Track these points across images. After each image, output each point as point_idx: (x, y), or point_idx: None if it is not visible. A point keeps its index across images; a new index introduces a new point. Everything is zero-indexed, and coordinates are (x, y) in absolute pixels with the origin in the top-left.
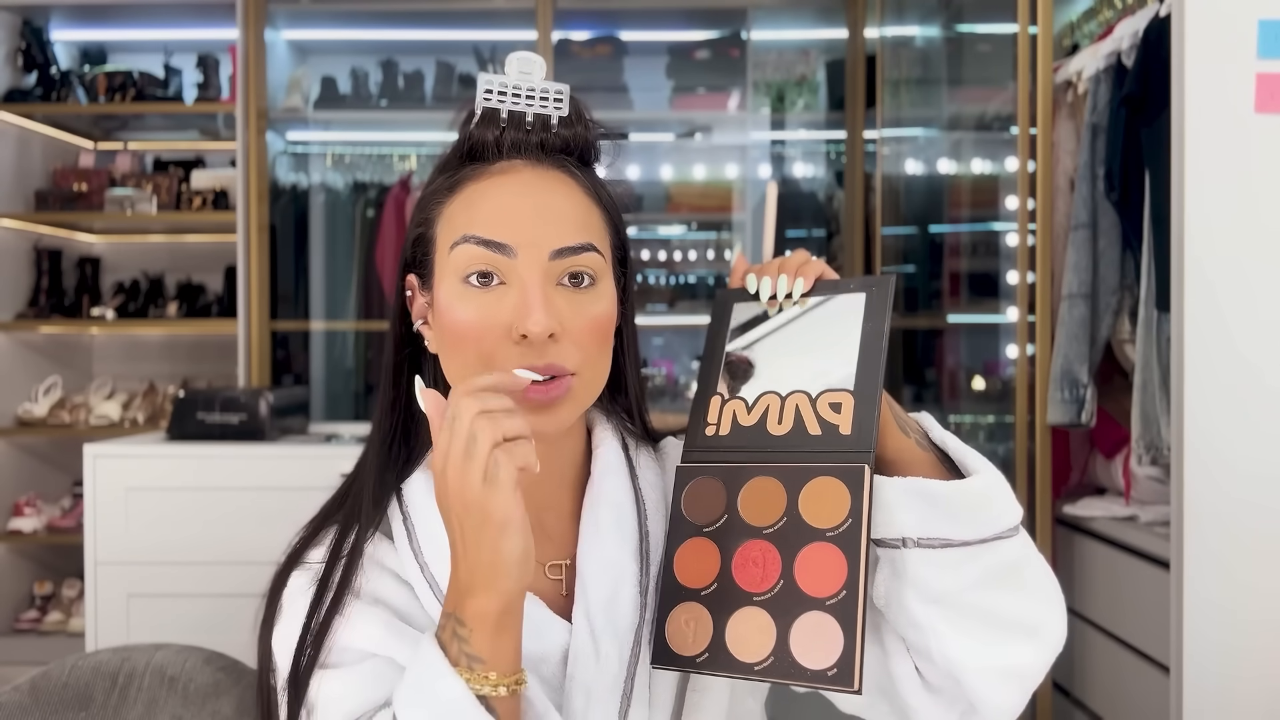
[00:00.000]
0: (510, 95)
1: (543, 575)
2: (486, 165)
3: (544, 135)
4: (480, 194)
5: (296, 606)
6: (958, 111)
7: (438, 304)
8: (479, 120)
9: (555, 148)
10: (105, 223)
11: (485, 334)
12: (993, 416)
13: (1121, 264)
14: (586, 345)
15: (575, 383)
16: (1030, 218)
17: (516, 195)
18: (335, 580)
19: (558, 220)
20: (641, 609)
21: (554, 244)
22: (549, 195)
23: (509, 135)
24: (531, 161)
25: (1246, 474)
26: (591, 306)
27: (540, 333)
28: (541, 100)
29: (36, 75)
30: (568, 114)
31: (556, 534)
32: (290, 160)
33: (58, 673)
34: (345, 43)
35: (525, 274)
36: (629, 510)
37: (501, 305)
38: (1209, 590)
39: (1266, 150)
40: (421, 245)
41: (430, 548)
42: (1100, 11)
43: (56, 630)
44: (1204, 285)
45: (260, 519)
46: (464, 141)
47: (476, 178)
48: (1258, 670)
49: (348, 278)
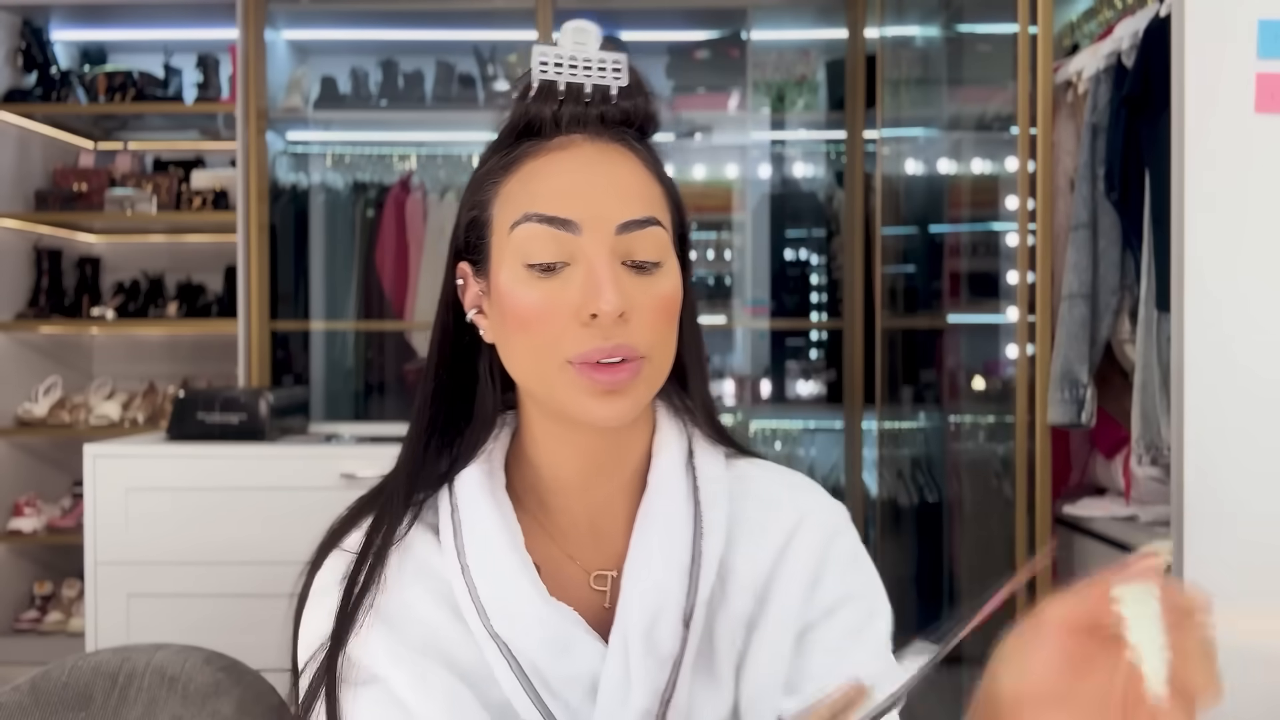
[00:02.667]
0: (567, 66)
1: (588, 585)
2: (544, 141)
3: (604, 107)
4: (539, 170)
5: (326, 599)
6: (958, 111)
7: (497, 289)
8: (535, 94)
9: (615, 120)
10: (105, 223)
11: (552, 317)
12: (993, 416)
13: (1122, 264)
14: (655, 326)
15: (645, 367)
16: (1030, 218)
17: (578, 170)
18: (359, 582)
19: (622, 194)
20: (683, 640)
21: (619, 217)
22: (611, 169)
23: (567, 109)
24: (591, 135)
25: (1246, 474)
26: (658, 285)
27: (611, 311)
28: (599, 70)
29: (36, 75)
30: (627, 84)
31: (608, 540)
32: (290, 160)
33: (57, 673)
34: (345, 43)
35: (591, 251)
36: (683, 528)
37: (568, 286)
38: (1209, 590)
39: (1266, 150)
40: (476, 230)
41: (473, 545)
42: (1100, 11)
43: (56, 630)
44: (1204, 285)
45: (260, 519)
46: (520, 117)
47: (534, 154)
48: (1258, 670)
49: (348, 278)
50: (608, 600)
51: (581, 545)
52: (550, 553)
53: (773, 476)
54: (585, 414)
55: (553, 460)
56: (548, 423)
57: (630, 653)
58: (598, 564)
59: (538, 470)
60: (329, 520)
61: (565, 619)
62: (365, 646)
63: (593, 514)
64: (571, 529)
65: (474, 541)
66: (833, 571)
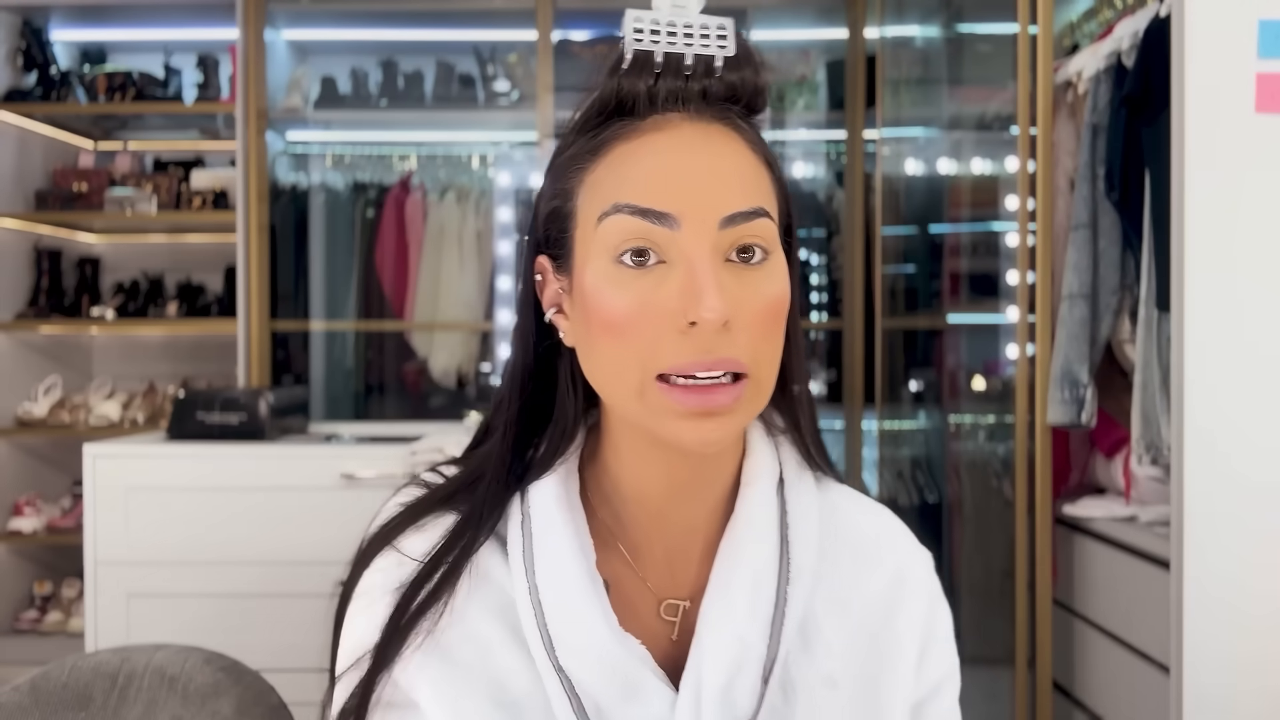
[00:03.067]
0: (665, 33)
1: (657, 613)
2: (636, 121)
3: (706, 81)
4: (631, 155)
5: (376, 607)
6: (958, 111)
7: (582, 288)
8: (629, 66)
9: (719, 96)
10: (105, 223)
11: (645, 323)
12: (993, 416)
13: (1122, 264)
14: (760, 335)
15: (747, 387)
16: (1030, 218)
17: (676, 154)
18: (418, 599)
19: (726, 182)
20: (760, 698)
21: (723, 209)
22: (714, 153)
23: (664, 83)
24: (690, 115)
25: (1247, 474)
26: (765, 285)
27: (715, 319)
28: (702, 38)
29: (36, 75)
30: (734, 54)
31: (683, 567)
32: (290, 160)
33: (57, 673)
34: (345, 43)
35: (691, 248)
36: (769, 574)
37: (664, 288)
38: (1209, 590)
39: (1267, 150)
40: (557, 221)
41: (544, 564)
42: (1100, 11)
43: (56, 630)
44: (1204, 285)
45: (260, 519)
46: (610, 93)
47: (625, 136)
48: (1258, 670)
49: (348, 278)
50: (675, 632)
51: (655, 569)
52: (621, 573)
53: (865, 515)
54: (675, 437)
55: (635, 477)
56: (633, 437)
57: (703, 711)
58: (670, 591)
59: (616, 484)
60: (329, 520)
61: (635, 657)
62: (407, 667)
63: (671, 538)
64: (646, 550)
65: (544, 559)
66: (939, 644)
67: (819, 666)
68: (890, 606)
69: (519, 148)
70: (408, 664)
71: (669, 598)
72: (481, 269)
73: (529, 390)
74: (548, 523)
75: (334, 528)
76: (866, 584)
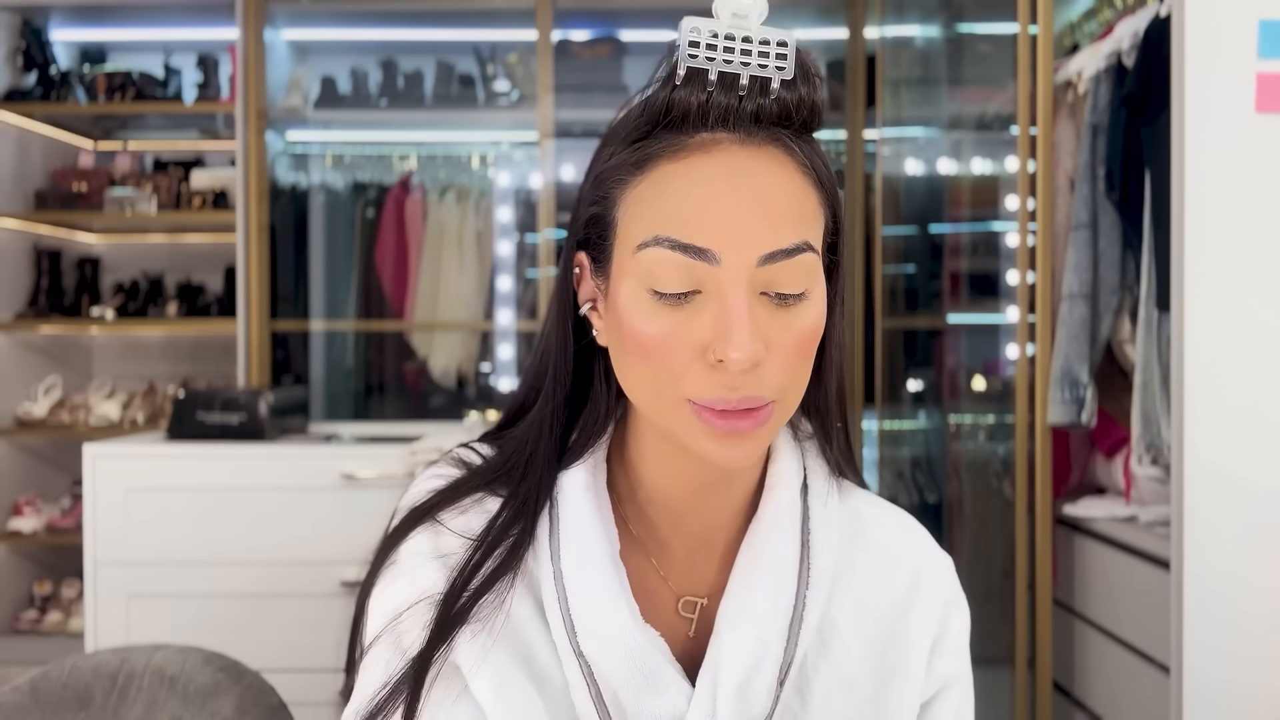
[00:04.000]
0: (722, 49)
1: (675, 610)
2: (684, 138)
3: (761, 100)
4: (676, 178)
5: (419, 572)
6: (958, 111)
7: (616, 304)
8: (683, 80)
9: (772, 115)
10: (105, 223)
11: (675, 353)
12: (993, 416)
13: (1122, 264)
14: (791, 367)
15: (774, 410)
16: (1030, 217)
17: (721, 184)
18: (482, 575)
19: (770, 216)
20: (776, 698)
21: (764, 247)
22: (761, 184)
23: (718, 100)
24: (741, 136)
25: (1247, 474)
26: (799, 319)
27: (744, 361)
28: (760, 56)
29: (36, 75)
30: (792, 75)
31: (703, 565)
32: (290, 160)
33: (57, 673)
34: (345, 43)
35: (728, 284)
36: (789, 577)
37: (696, 320)
38: (1209, 590)
39: (1267, 150)
40: (597, 226)
41: (570, 552)
42: (1100, 11)
43: (56, 630)
44: (1204, 285)
45: (260, 519)
46: (660, 104)
47: (672, 155)
48: (1258, 670)
49: (348, 278)
50: (693, 629)
51: (675, 565)
52: (642, 567)
53: (888, 521)
54: (703, 453)
55: (659, 476)
56: (659, 440)
57: (719, 708)
58: (689, 588)
59: (641, 480)
60: (329, 520)
61: (655, 648)
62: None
63: (692, 536)
64: (666, 546)
65: (570, 545)
66: (951, 644)
67: (836, 670)
68: (906, 607)
69: (519, 148)
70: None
71: (687, 594)
72: (481, 269)
73: (568, 386)
74: (576, 510)
75: (334, 528)
76: (886, 589)
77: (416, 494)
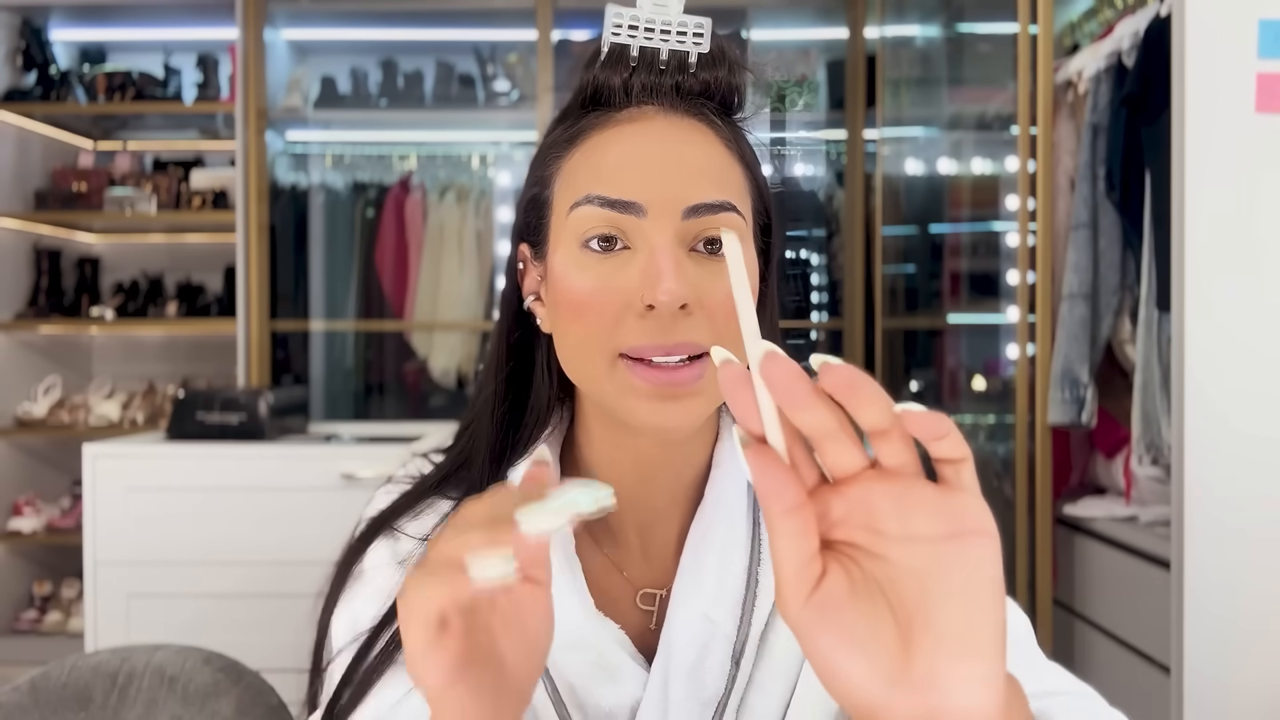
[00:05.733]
0: (643, 30)
1: (634, 603)
2: (612, 112)
3: (680, 77)
4: (604, 145)
5: (380, 579)
6: (958, 111)
7: (552, 273)
8: (605, 59)
9: (693, 92)
10: (105, 222)
11: (606, 305)
12: (993, 416)
13: (1122, 264)
14: (723, 322)
15: (709, 367)
16: (1031, 217)
17: (646, 145)
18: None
19: (693, 174)
20: (731, 679)
21: (688, 199)
22: (684, 146)
23: (639, 77)
24: (664, 108)
25: (1247, 474)
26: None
27: (671, 302)
28: (679, 35)
29: (36, 75)
30: (709, 52)
31: (658, 556)
32: (290, 160)
33: (57, 673)
34: (345, 42)
35: (654, 235)
36: (739, 555)
37: (625, 271)
38: (1209, 590)
39: (1267, 150)
40: (536, 209)
41: None
42: (1101, 11)
43: (56, 630)
44: (1204, 285)
45: (260, 519)
46: (587, 85)
47: (600, 127)
48: (1258, 670)
49: (347, 278)
50: (654, 621)
51: (631, 558)
52: (597, 562)
53: None
54: (638, 419)
55: (606, 462)
56: (603, 422)
57: (670, 690)
58: (647, 580)
59: (589, 470)
60: (329, 520)
61: (611, 639)
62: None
63: (644, 526)
64: (621, 539)
65: None
66: None
67: (793, 650)
68: None
69: (519, 148)
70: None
71: (646, 587)
72: (481, 269)
73: (505, 374)
74: None
75: (334, 528)
76: None
77: (373, 510)
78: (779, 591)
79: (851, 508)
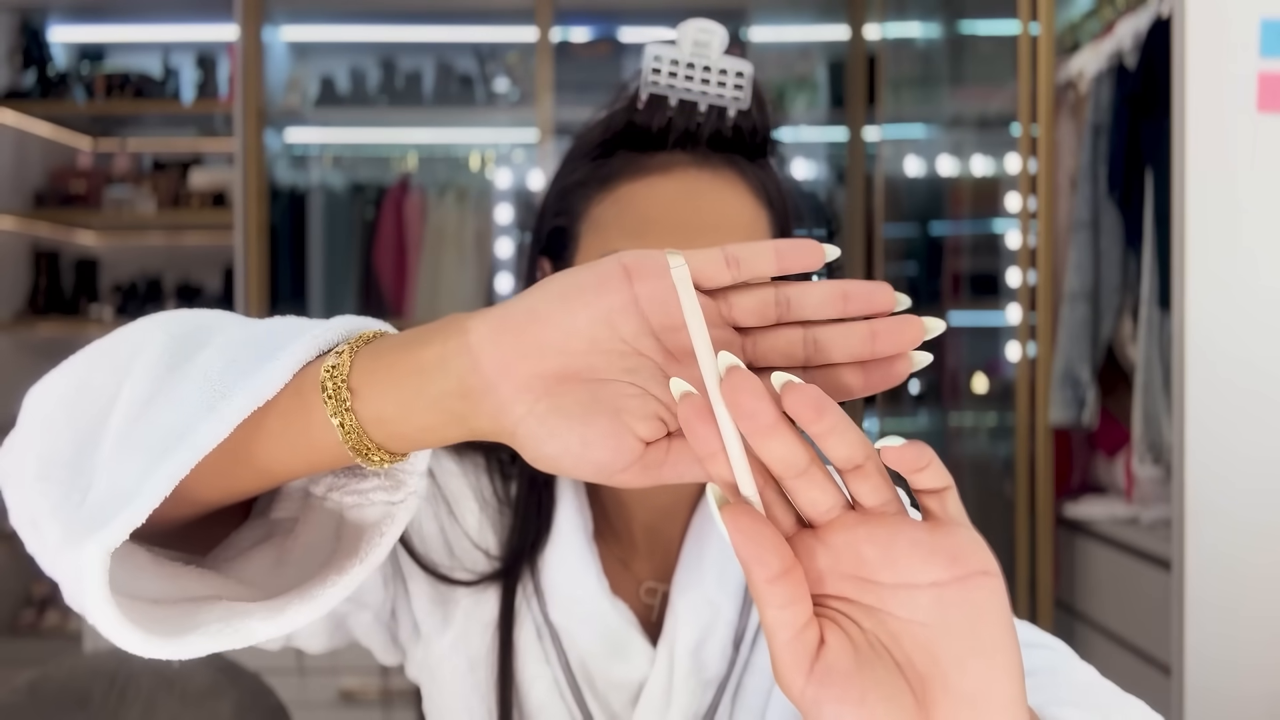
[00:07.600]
0: (683, 76)
1: (637, 595)
2: (643, 157)
3: (718, 126)
4: (634, 197)
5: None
6: (959, 110)
7: None
8: (645, 104)
9: (727, 142)
10: (103, 222)
11: None
12: (994, 417)
13: (1123, 263)
14: None
15: None
16: (1031, 217)
17: (675, 202)
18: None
19: (718, 233)
20: (732, 662)
21: None
22: (712, 202)
23: (677, 124)
24: (698, 159)
25: (1247, 474)
26: None
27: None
28: (719, 85)
29: (34, 74)
30: (748, 105)
31: (662, 551)
32: (289, 160)
33: (56, 674)
34: (344, 42)
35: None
36: None
37: None
38: (1209, 590)
39: (1268, 149)
40: (561, 238)
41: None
42: (1101, 10)
43: (54, 631)
44: (1205, 285)
45: None
46: (621, 125)
47: (631, 176)
48: (1258, 670)
49: (347, 278)
50: (655, 614)
51: (636, 552)
52: (604, 553)
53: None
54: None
55: None
56: None
57: (675, 670)
58: (650, 574)
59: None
60: None
61: (623, 619)
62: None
63: (650, 521)
64: (626, 534)
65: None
66: None
67: None
68: None
69: (519, 148)
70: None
71: (649, 581)
72: (481, 269)
73: None
74: (556, 489)
75: None
76: None
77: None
78: (777, 668)
79: (837, 557)
